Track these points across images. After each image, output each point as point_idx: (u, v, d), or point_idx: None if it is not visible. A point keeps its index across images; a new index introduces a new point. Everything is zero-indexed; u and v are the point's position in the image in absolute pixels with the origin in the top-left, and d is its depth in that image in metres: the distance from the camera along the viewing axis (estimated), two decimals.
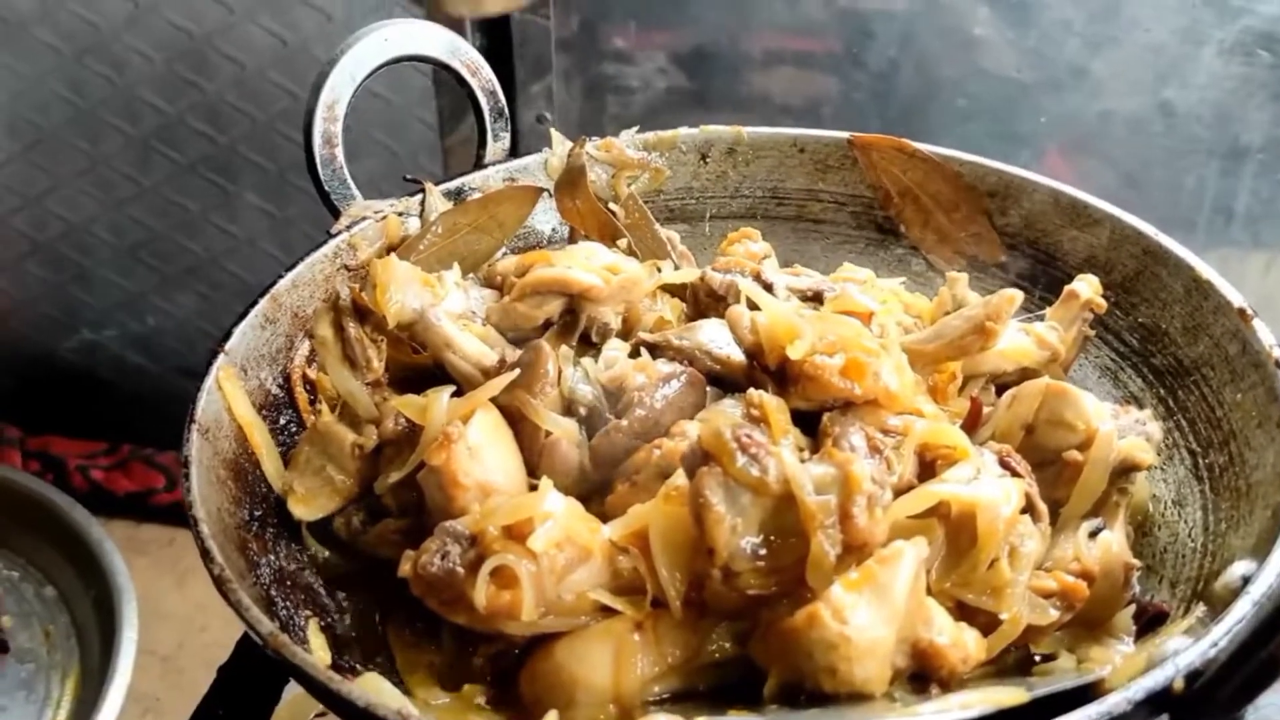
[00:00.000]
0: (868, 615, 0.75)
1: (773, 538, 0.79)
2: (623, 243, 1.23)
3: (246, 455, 1.01)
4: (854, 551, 0.77)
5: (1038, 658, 0.86)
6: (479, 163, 1.30)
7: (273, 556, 0.96)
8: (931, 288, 1.23)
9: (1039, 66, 1.70)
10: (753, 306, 1.00)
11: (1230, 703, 0.73)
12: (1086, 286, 1.08)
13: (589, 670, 0.82)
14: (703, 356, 1.02)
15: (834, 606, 0.75)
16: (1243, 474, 0.94)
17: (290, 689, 1.05)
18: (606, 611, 0.84)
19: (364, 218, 1.19)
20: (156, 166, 2.00)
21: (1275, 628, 0.69)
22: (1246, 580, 0.79)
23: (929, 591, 0.82)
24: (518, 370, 0.97)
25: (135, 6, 1.86)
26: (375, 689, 0.79)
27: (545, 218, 1.30)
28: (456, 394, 0.98)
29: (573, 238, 1.28)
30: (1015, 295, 1.00)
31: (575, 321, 1.08)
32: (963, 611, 0.83)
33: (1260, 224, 1.74)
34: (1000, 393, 1.04)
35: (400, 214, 1.20)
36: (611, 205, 1.26)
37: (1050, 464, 0.93)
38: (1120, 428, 0.93)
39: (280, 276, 1.11)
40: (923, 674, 0.79)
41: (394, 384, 1.10)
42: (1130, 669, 0.77)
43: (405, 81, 1.84)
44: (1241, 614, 0.76)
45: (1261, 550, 0.83)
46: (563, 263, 1.09)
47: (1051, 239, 1.19)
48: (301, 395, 1.10)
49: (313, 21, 1.85)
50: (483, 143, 1.32)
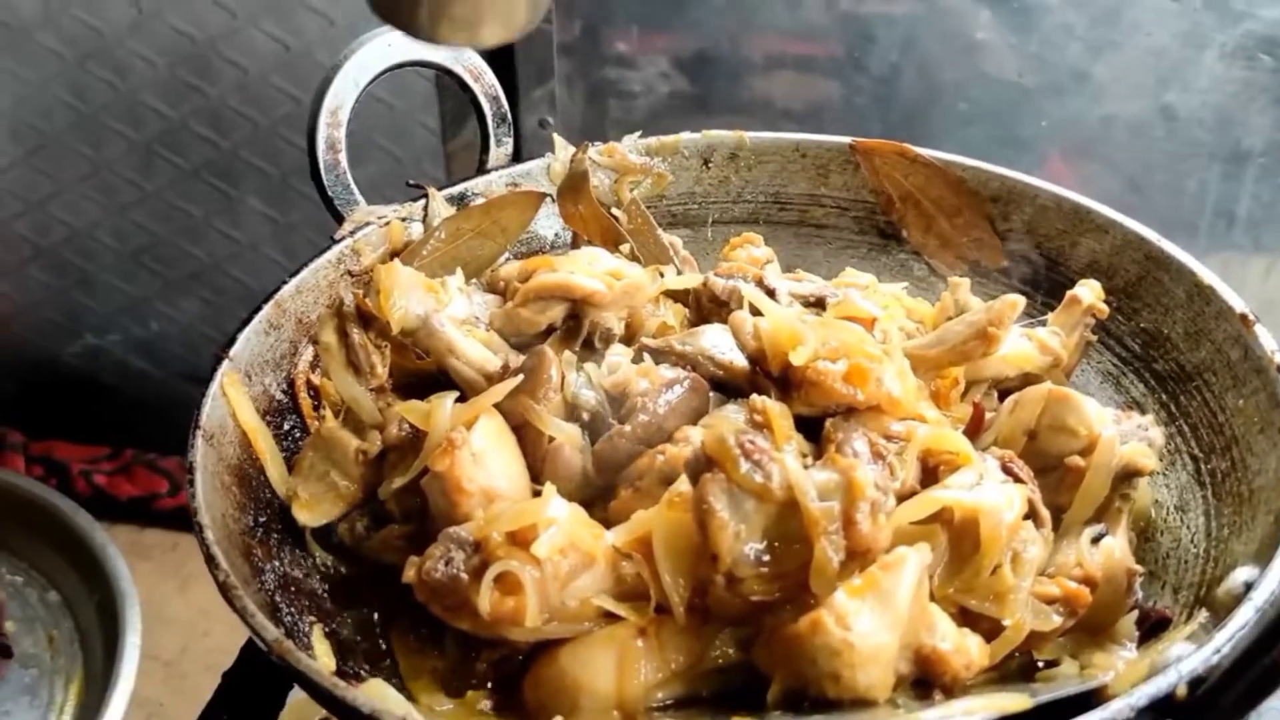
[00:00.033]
0: (871, 621, 0.75)
1: (776, 544, 0.79)
2: (625, 248, 1.23)
3: (251, 461, 1.01)
4: (857, 558, 0.77)
5: (1041, 663, 0.86)
6: (482, 168, 1.30)
7: (277, 562, 0.96)
8: (933, 292, 1.23)
9: (1040, 71, 1.69)
10: (755, 312, 1.00)
11: (1233, 709, 0.73)
12: (1089, 292, 1.07)
13: (592, 676, 0.82)
14: (705, 362, 1.02)
15: (837, 613, 0.75)
16: (1245, 479, 0.94)
17: (294, 694, 1.05)
18: (610, 617, 0.84)
19: (367, 223, 1.19)
20: (159, 171, 2.00)
21: (1278, 634, 0.70)
22: (1249, 586, 0.79)
23: (932, 597, 0.82)
24: (521, 376, 0.97)
25: (138, 12, 1.86)
26: (380, 695, 0.79)
27: (548, 223, 1.30)
28: (460, 399, 0.98)
29: (575, 243, 1.28)
30: (1017, 301, 1.00)
31: (578, 327, 1.08)
32: (966, 617, 0.83)
33: (1261, 228, 1.74)
34: (1002, 398, 1.04)
35: (403, 219, 1.20)
36: (614, 210, 1.26)
37: (1053, 469, 0.92)
38: (1122, 433, 0.93)
39: (284, 282, 1.11)
40: (926, 680, 0.79)
41: (397, 389, 1.11)
42: (1133, 675, 0.77)
43: (408, 86, 1.84)
44: (1244, 620, 0.76)
45: (1264, 556, 0.83)
46: (566, 268, 1.08)
47: (1053, 244, 1.19)
48: (305, 401, 1.10)
49: (315, 26, 1.85)
50: (485, 148, 1.32)
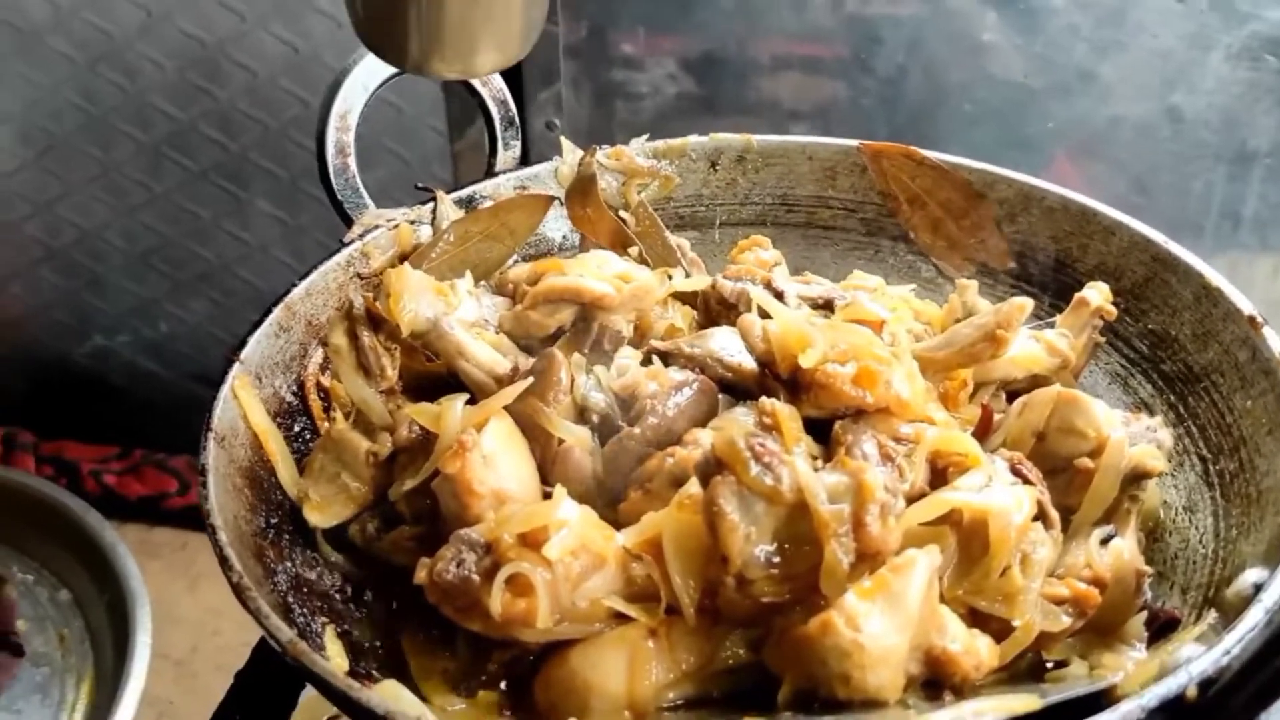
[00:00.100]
0: (881, 623, 0.75)
1: (786, 546, 0.79)
2: (634, 250, 1.23)
3: (262, 463, 1.02)
4: (867, 559, 0.78)
5: (1050, 664, 0.86)
6: (490, 171, 1.31)
7: (289, 563, 0.96)
8: (941, 294, 1.23)
9: (1046, 72, 1.69)
10: (764, 315, 1.01)
11: (1243, 711, 0.73)
12: (1096, 294, 1.08)
13: (603, 677, 0.82)
14: (714, 364, 1.02)
15: (848, 614, 0.75)
16: (1253, 480, 0.94)
17: (305, 692, 1.06)
18: (621, 618, 0.84)
19: (376, 226, 1.19)
20: (168, 173, 2.01)
21: None
22: (1259, 588, 0.80)
23: (942, 599, 0.82)
24: (531, 378, 0.98)
25: (148, 15, 1.87)
26: (394, 696, 0.80)
27: (556, 225, 1.30)
28: (470, 402, 0.98)
29: (584, 245, 1.28)
30: (1026, 303, 1.01)
31: (587, 329, 1.08)
32: (975, 618, 0.84)
33: (1268, 228, 1.74)
34: (1011, 400, 1.04)
35: (412, 222, 1.21)
36: (622, 213, 1.27)
37: (1061, 471, 0.93)
38: (1131, 435, 0.93)
39: (294, 285, 1.12)
40: (936, 681, 0.79)
41: (407, 392, 1.11)
42: (1142, 675, 0.78)
43: (416, 90, 1.84)
44: (1254, 622, 0.76)
45: (1273, 557, 0.84)
46: (575, 271, 1.09)
47: (1061, 246, 1.20)
48: (315, 403, 1.11)
49: (324, 29, 1.86)
50: (493, 151, 1.33)
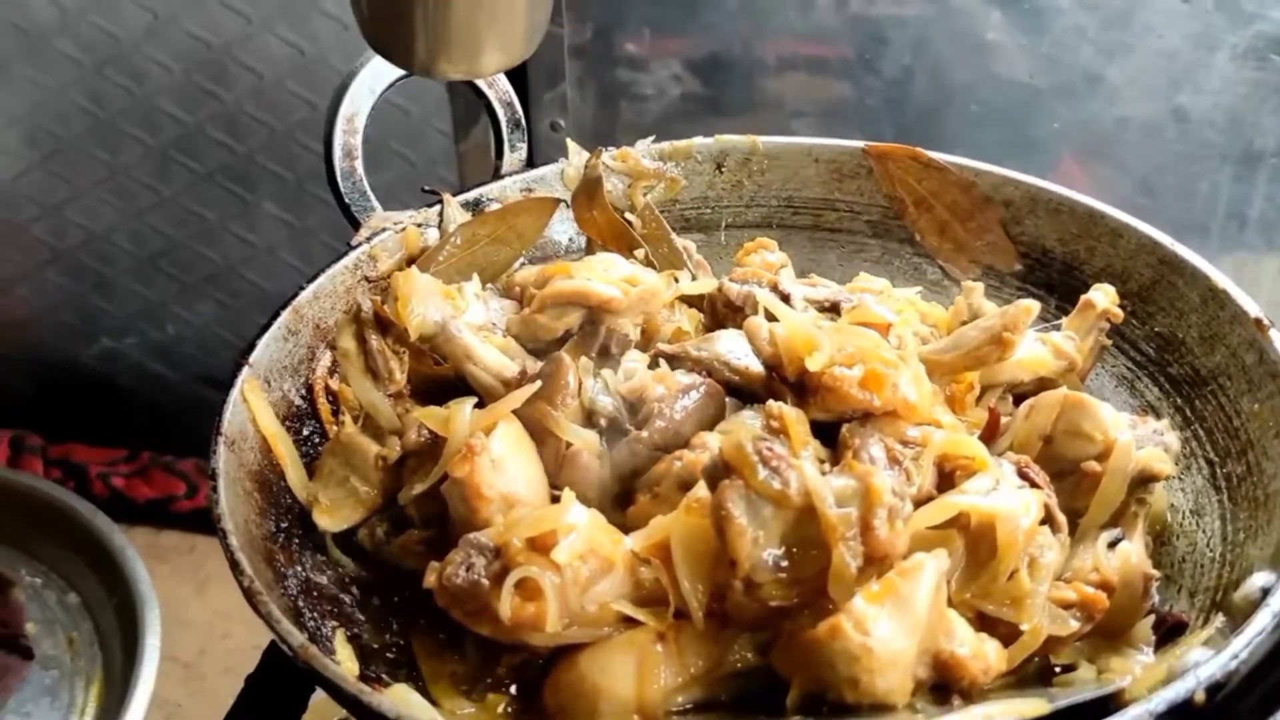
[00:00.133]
0: (889, 627, 0.76)
1: (794, 549, 0.80)
2: (640, 253, 1.23)
3: (271, 467, 1.02)
4: (875, 563, 0.78)
5: (1058, 668, 0.86)
6: (496, 174, 1.31)
7: (299, 567, 0.97)
8: (947, 296, 1.23)
9: (1052, 73, 1.69)
10: (770, 318, 1.01)
11: (1251, 715, 0.73)
12: (1103, 296, 1.08)
13: (612, 681, 0.82)
14: (721, 367, 1.02)
15: (856, 618, 0.75)
16: (1260, 484, 0.94)
17: (315, 695, 1.06)
18: (629, 622, 0.84)
19: (383, 229, 1.20)
20: (175, 176, 2.01)
21: None
22: (1266, 592, 0.80)
23: (949, 602, 0.82)
24: (539, 382, 0.98)
25: (155, 18, 1.87)
26: (405, 701, 0.80)
27: (562, 227, 1.30)
28: (478, 405, 0.99)
29: (590, 247, 1.28)
30: (1032, 306, 1.01)
31: (595, 333, 1.08)
32: (983, 622, 0.84)
33: (1274, 229, 1.74)
34: (1018, 402, 1.04)
35: (419, 225, 1.21)
36: (628, 215, 1.27)
37: (1069, 474, 0.93)
38: (1138, 438, 0.93)
39: (302, 288, 1.12)
40: (944, 685, 0.79)
41: (415, 395, 1.11)
42: (1150, 679, 0.78)
43: (422, 91, 1.85)
44: (1262, 626, 0.76)
45: None
46: (582, 274, 1.09)
47: (1067, 248, 1.19)
48: (324, 406, 1.11)
49: (330, 31, 1.86)
50: (500, 153, 1.33)
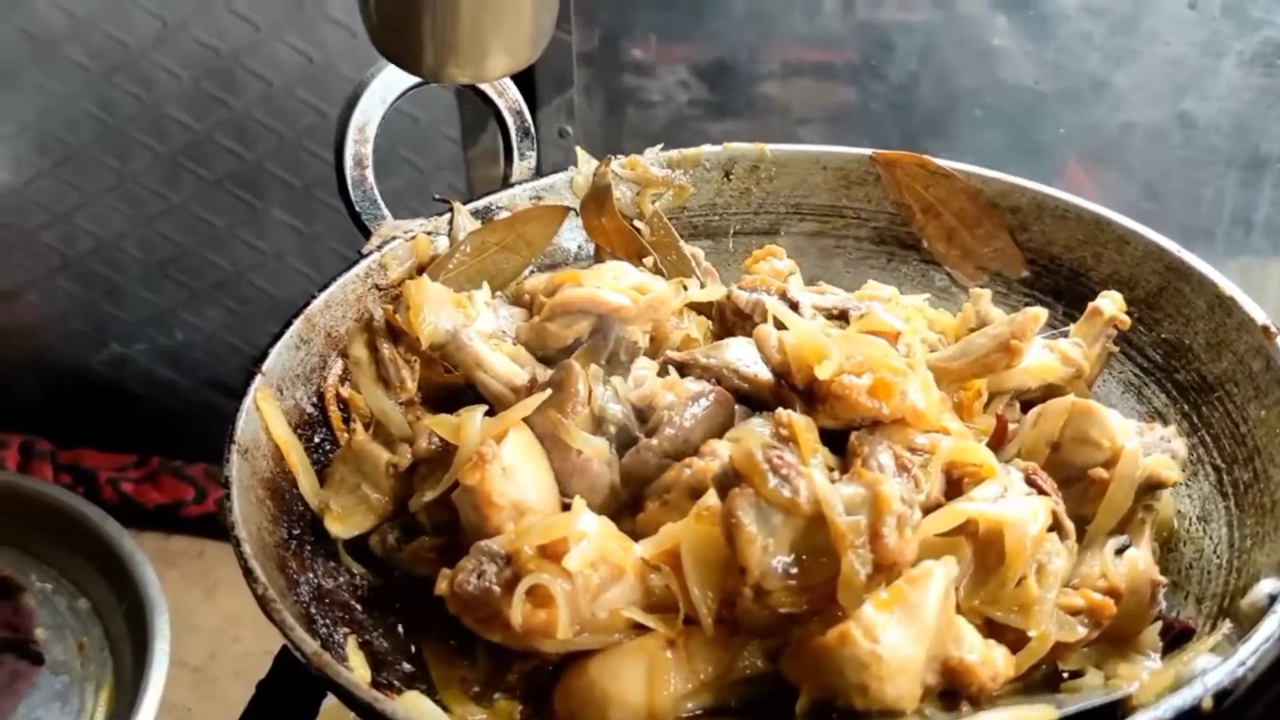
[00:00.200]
0: (898, 634, 0.76)
1: (804, 557, 0.80)
2: (649, 260, 1.24)
3: (283, 474, 1.03)
4: (884, 570, 0.78)
5: (1065, 674, 0.87)
6: (505, 181, 1.32)
7: (311, 574, 0.97)
8: (955, 303, 1.24)
9: (1058, 78, 1.70)
10: (779, 325, 1.01)
11: None
12: (1110, 303, 1.08)
13: (622, 687, 0.83)
14: (730, 375, 1.03)
15: (865, 625, 0.76)
16: (1267, 490, 0.94)
17: (326, 701, 1.06)
18: (639, 629, 0.85)
19: (394, 237, 1.21)
20: (185, 183, 2.02)
21: None
22: (1274, 599, 0.80)
23: (958, 609, 0.83)
24: (549, 390, 0.99)
25: (164, 25, 1.88)
26: (417, 708, 0.81)
27: (571, 235, 1.31)
28: (488, 413, 0.99)
29: (598, 255, 1.29)
30: (1040, 314, 1.01)
31: (604, 341, 1.08)
32: (991, 628, 0.84)
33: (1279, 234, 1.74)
34: (1025, 409, 1.05)
35: (429, 233, 1.22)
36: (636, 223, 1.27)
37: (1076, 481, 0.93)
38: (1145, 445, 0.94)
39: (313, 297, 1.13)
40: (953, 691, 0.80)
41: (426, 403, 1.12)
42: (1157, 685, 0.78)
43: (430, 99, 1.85)
44: (1269, 633, 0.76)
45: None
46: (592, 283, 1.10)
47: (1074, 255, 1.20)
48: (335, 414, 1.12)
49: (338, 39, 1.87)
50: (509, 161, 1.34)
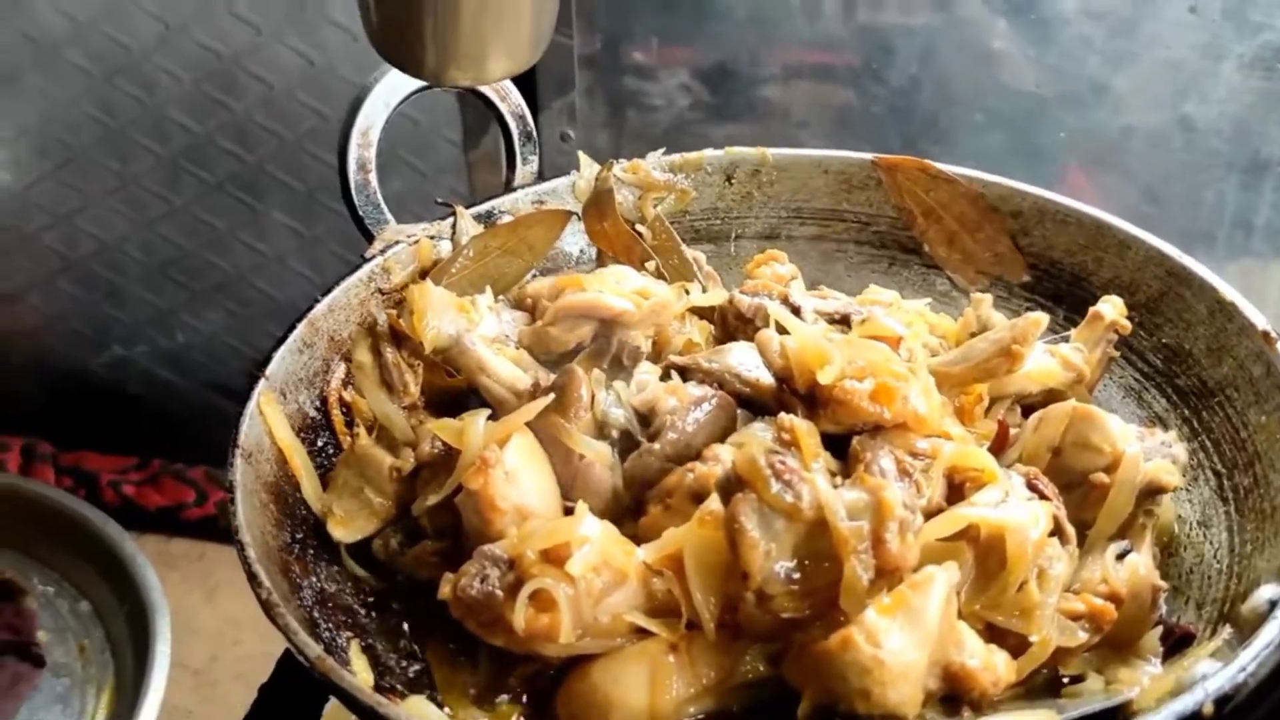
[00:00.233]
0: (901, 639, 0.76)
1: (806, 562, 0.81)
2: (651, 265, 1.24)
3: (287, 478, 1.03)
4: (886, 575, 0.79)
5: (1066, 679, 0.87)
6: (508, 186, 1.32)
7: (314, 578, 0.97)
8: (956, 307, 1.24)
9: (1059, 82, 1.70)
10: (781, 330, 1.02)
11: None
12: (1111, 308, 1.08)
13: (625, 691, 0.83)
14: (732, 379, 1.03)
15: (868, 630, 0.76)
16: (1267, 496, 0.95)
17: (329, 704, 1.07)
18: (642, 633, 0.85)
19: (397, 241, 1.21)
20: (186, 185, 2.02)
21: None
22: (1274, 604, 0.80)
23: (959, 614, 0.83)
24: (552, 394, 0.99)
25: (165, 28, 1.88)
26: (421, 713, 0.81)
27: (573, 239, 1.31)
28: (491, 417, 1.00)
29: (601, 259, 1.29)
30: (1041, 319, 1.01)
31: (607, 345, 1.09)
32: (992, 633, 0.85)
33: None
34: (1026, 413, 1.05)
35: (432, 238, 1.22)
36: (638, 226, 1.28)
37: (1077, 486, 0.94)
38: (1146, 450, 0.94)
39: (316, 301, 1.13)
40: (954, 696, 0.80)
41: (429, 407, 1.12)
42: (1158, 690, 0.79)
43: (432, 101, 1.85)
44: (1270, 638, 0.77)
45: None
46: (594, 287, 1.10)
47: (1075, 260, 1.20)
48: (338, 417, 1.12)
49: (339, 42, 1.87)
50: (511, 166, 1.34)
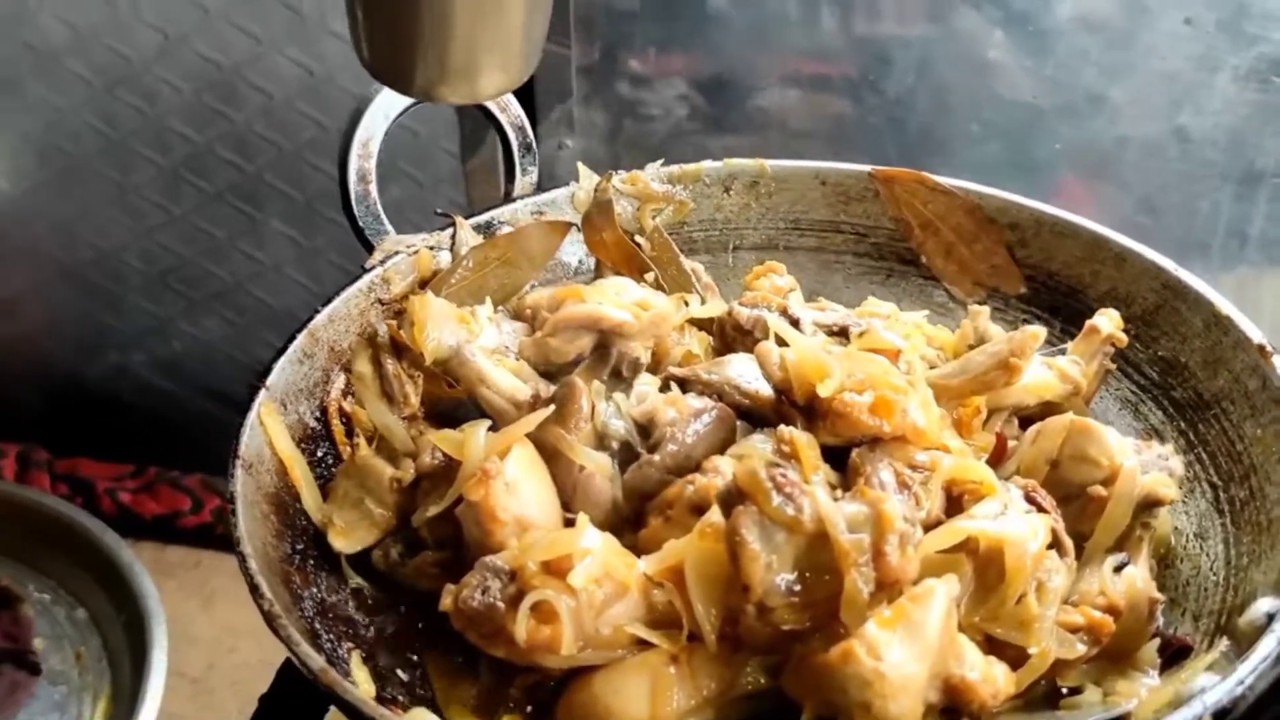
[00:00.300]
0: (901, 652, 0.77)
1: (806, 574, 0.81)
2: (650, 276, 1.24)
3: (287, 489, 1.03)
4: (886, 588, 0.79)
5: (1065, 690, 0.87)
6: (507, 197, 1.32)
7: (315, 589, 0.98)
8: (953, 319, 1.25)
9: (1055, 93, 1.71)
10: (781, 342, 1.02)
11: None
12: (1108, 321, 1.09)
13: (625, 702, 0.84)
14: (731, 391, 1.03)
15: (868, 643, 0.77)
16: (1263, 509, 0.95)
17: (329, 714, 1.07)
18: (642, 645, 0.86)
19: (396, 252, 1.21)
20: (185, 195, 2.02)
21: None
22: (1271, 617, 0.81)
23: (959, 626, 0.83)
24: (552, 406, 1.00)
25: (165, 39, 1.89)
26: None
27: (572, 249, 1.31)
28: (491, 428, 1.00)
29: (599, 270, 1.30)
30: (1039, 332, 1.02)
31: (606, 356, 1.09)
32: (991, 645, 0.85)
33: (1275, 247, 1.75)
34: (1023, 425, 1.06)
35: (431, 248, 1.22)
36: (637, 238, 1.28)
37: (1075, 498, 0.94)
38: (1143, 463, 0.95)
39: (316, 311, 1.13)
40: (954, 708, 0.81)
41: (429, 418, 1.13)
42: (1156, 702, 0.80)
43: (430, 112, 1.86)
44: (1267, 652, 0.77)
45: None
46: (594, 299, 1.10)
47: (1072, 272, 1.21)
48: (338, 428, 1.12)
49: (339, 53, 1.87)
50: (510, 177, 1.34)
